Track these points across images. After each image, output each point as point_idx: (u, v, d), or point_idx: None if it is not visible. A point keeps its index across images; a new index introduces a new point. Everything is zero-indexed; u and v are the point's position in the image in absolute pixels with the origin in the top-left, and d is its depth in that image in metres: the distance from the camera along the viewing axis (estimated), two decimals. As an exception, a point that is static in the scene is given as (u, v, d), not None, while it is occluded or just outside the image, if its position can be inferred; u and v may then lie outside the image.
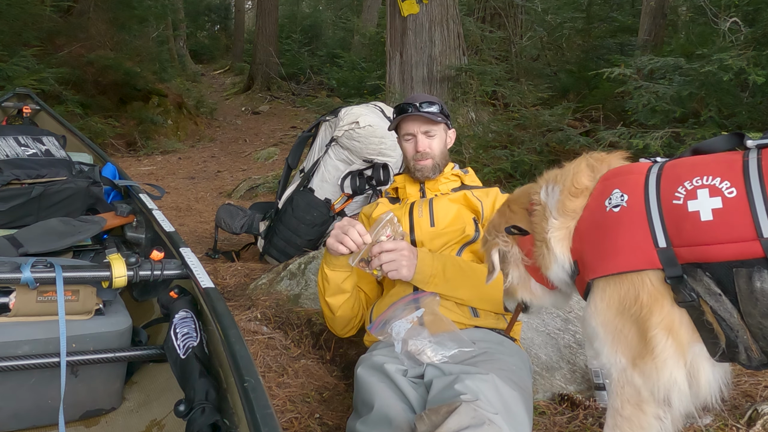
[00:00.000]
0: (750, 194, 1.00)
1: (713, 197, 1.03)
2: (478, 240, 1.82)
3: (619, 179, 1.21)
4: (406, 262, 1.65)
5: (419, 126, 1.94)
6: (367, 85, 8.84)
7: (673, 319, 1.10)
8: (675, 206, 1.08)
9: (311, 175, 3.35)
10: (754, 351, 1.02)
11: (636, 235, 1.12)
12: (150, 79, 9.23)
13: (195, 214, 5.16)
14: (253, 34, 14.70)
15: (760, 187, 0.99)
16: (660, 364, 1.11)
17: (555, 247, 1.28)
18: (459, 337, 1.52)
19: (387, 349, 1.58)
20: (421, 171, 1.94)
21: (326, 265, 1.78)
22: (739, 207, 1.00)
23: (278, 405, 1.74)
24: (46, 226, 2.07)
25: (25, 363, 1.47)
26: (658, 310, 1.10)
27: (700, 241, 1.04)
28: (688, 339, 1.10)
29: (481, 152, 5.31)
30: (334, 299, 1.81)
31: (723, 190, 1.03)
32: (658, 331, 1.11)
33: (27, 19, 7.00)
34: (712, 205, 1.03)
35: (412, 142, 1.95)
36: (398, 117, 1.95)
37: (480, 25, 7.75)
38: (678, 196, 1.08)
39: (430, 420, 1.13)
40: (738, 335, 1.03)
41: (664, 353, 1.11)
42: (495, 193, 1.95)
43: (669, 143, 4.09)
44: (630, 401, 1.17)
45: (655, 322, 1.11)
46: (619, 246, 1.14)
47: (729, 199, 1.02)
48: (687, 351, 1.11)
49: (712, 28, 4.85)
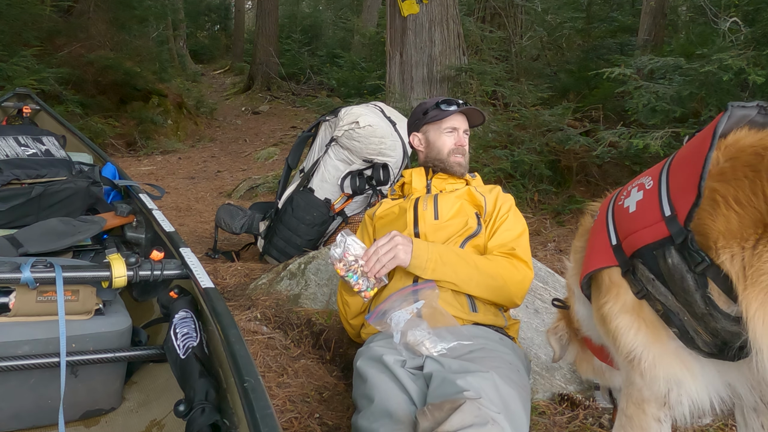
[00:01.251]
0: (659, 183, 1.08)
1: (638, 191, 1.14)
2: (480, 233, 1.84)
3: (602, 203, 1.33)
4: (402, 248, 1.67)
5: (464, 122, 2.04)
6: (367, 85, 8.83)
7: (638, 310, 1.14)
8: (619, 207, 1.19)
9: (311, 175, 3.35)
10: (701, 333, 1.04)
11: (600, 239, 1.22)
12: (150, 79, 9.23)
13: (195, 214, 5.16)
14: (253, 34, 14.71)
15: (666, 175, 1.08)
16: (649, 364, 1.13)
17: (572, 283, 1.39)
18: (458, 331, 1.53)
19: (385, 340, 1.58)
20: (459, 166, 2.00)
21: (345, 292, 1.87)
22: (652, 195, 1.09)
23: (278, 405, 1.74)
24: (46, 226, 2.07)
25: (25, 363, 1.47)
26: (620, 303, 1.16)
27: (629, 231, 1.13)
28: (657, 333, 1.13)
29: (481, 152, 5.31)
30: (357, 307, 1.90)
31: (645, 184, 1.13)
32: (621, 324, 1.16)
33: (27, 19, 7.00)
34: (637, 198, 1.13)
35: (453, 136, 2.00)
36: (449, 110, 1.99)
37: (480, 25, 7.75)
38: (621, 197, 1.20)
39: (433, 416, 1.13)
40: (681, 319, 1.06)
41: (638, 349, 1.14)
42: (498, 191, 1.98)
43: (669, 143, 4.09)
44: (633, 400, 1.18)
45: (617, 314, 1.16)
46: (591, 251, 1.26)
47: (647, 190, 1.11)
48: (665, 345, 1.12)
49: (712, 28, 4.85)
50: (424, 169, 2.05)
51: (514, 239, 1.84)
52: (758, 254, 0.92)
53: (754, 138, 1.01)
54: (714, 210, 0.97)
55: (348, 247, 1.68)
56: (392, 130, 3.24)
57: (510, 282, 1.73)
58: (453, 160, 1.99)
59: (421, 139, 2.06)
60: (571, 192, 4.99)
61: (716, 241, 0.97)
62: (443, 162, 2.00)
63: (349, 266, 1.68)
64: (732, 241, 0.95)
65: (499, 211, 1.89)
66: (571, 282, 1.41)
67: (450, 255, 1.71)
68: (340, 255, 1.68)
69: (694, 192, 0.97)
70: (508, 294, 1.74)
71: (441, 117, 2.00)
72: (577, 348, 1.53)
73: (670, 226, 1.02)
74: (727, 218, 0.96)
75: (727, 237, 0.96)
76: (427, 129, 2.04)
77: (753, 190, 0.94)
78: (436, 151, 2.01)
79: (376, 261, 1.65)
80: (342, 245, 1.69)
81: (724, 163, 0.99)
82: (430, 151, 2.03)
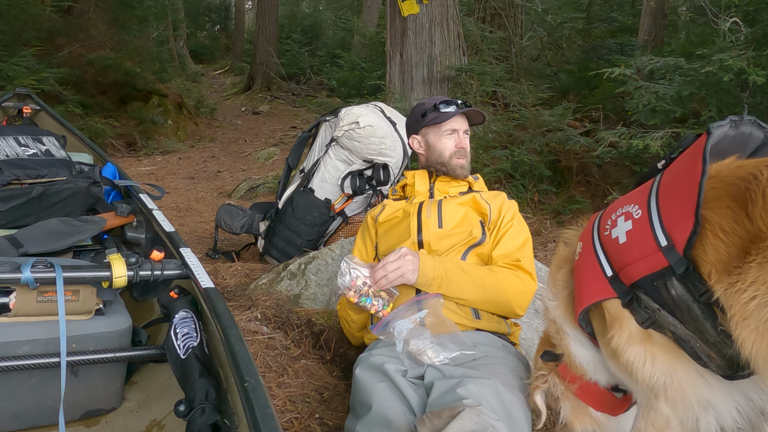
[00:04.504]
0: (649, 211, 1.05)
1: (627, 221, 1.10)
2: (484, 242, 1.82)
3: (582, 234, 1.27)
4: (411, 267, 1.65)
5: (463, 123, 1.99)
6: (367, 85, 8.84)
7: (646, 339, 1.11)
8: (606, 237, 1.14)
9: (311, 175, 3.35)
10: (714, 358, 1.02)
11: (591, 271, 1.17)
12: (150, 79, 9.23)
13: (195, 215, 5.16)
14: (253, 34, 14.71)
15: (655, 203, 1.04)
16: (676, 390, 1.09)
17: (562, 323, 1.31)
18: (461, 340, 1.51)
19: (386, 349, 1.57)
20: (462, 168, 1.97)
21: (351, 311, 1.85)
22: (643, 224, 1.05)
23: (278, 405, 1.74)
24: (46, 226, 2.07)
25: (25, 363, 1.47)
26: (626, 335, 1.12)
27: (625, 263, 1.09)
28: (675, 357, 1.09)
29: (481, 152, 5.31)
30: (362, 322, 1.90)
31: (632, 213, 1.09)
32: (632, 356, 1.11)
33: (27, 19, 7.00)
34: (626, 228, 1.09)
35: (453, 138, 1.96)
36: (448, 112, 1.94)
37: (480, 25, 7.75)
38: (606, 227, 1.15)
39: (432, 423, 1.12)
40: (694, 346, 1.04)
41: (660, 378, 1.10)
42: (503, 197, 1.95)
43: (669, 143, 4.09)
44: (656, 427, 1.14)
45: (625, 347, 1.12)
46: (584, 284, 1.20)
47: (636, 220, 1.08)
48: (687, 367, 1.09)
49: (712, 29, 4.85)
50: (426, 172, 2.02)
51: (519, 249, 1.82)
52: (738, 291, 0.91)
53: (731, 168, 1.00)
54: (703, 239, 0.96)
55: (354, 273, 1.67)
56: (392, 130, 3.24)
57: (514, 296, 1.73)
58: (455, 163, 1.95)
59: (420, 142, 2.02)
60: (572, 192, 4.99)
61: (710, 275, 0.95)
62: (445, 165, 1.96)
63: (360, 291, 1.68)
64: (723, 274, 0.94)
65: (503, 219, 1.87)
66: (561, 322, 1.31)
67: (456, 272, 1.69)
68: (348, 283, 1.67)
69: (691, 220, 0.95)
70: (511, 308, 1.75)
71: (440, 120, 1.95)
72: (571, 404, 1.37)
73: (669, 257, 0.99)
74: (716, 248, 0.94)
75: (719, 271, 0.94)
76: (427, 132, 1.99)
77: (735, 219, 0.93)
78: (437, 154, 1.97)
79: (383, 277, 1.64)
80: (348, 273, 1.68)
81: (708, 192, 0.97)
82: (431, 154, 1.99)
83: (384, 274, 1.63)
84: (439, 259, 1.71)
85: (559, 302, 1.31)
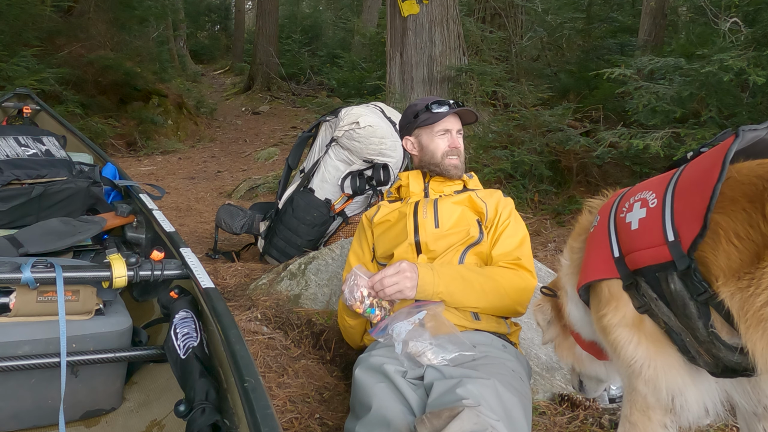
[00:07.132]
0: (664, 203, 1.06)
1: (642, 208, 1.12)
2: (482, 242, 1.82)
3: (602, 206, 1.30)
4: (409, 283, 1.65)
5: (456, 123, 2.00)
6: (367, 85, 8.83)
7: (637, 324, 1.13)
8: (621, 219, 1.16)
9: (311, 175, 3.35)
10: (703, 354, 1.04)
11: (601, 248, 1.20)
12: (150, 79, 9.24)
13: (195, 215, 5.16)
14: (253, 34, 14.71)
15: (671, 197, 1.05)
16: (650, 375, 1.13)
17: (566, 283, 1.39)
18: (460, 341, 1.51)
19: (386, 350, 1.57)
20: (455, 168, 1.97)
21: (348, 317, 1.85)
22: (656, 215, 1.07)
23: (278, 405, 1.74)
24: (46, 226, 2.07)
25: (25, 363, 1.47)
26: (620, 316, 1.15)
27: (632, 248, 1.11)
28: (658, 347, 1.12)
29: (481, 152, 5.32)
30: (361, 328, 1.89)
31: (649, 201, 1.11)
32: (620, 337, 1.15)
33: (27, 19, 7.00)
34: (640, 215, 1.11)
35: (446, 138, 1.97)
36: (440, 112, 1.95)
37: (480, 25, 7.75)
38: (623, 209, 1.17)
39: (432, 424, 1.12)
40: (684, 339, 1.06)
41: (638, 361, 1.13)
42: (498, 195, 1.95)
43: (669, 143, 4.09)
44: (637, 407, 1.18)
45: (616, 327, 1.16)
46: (591, 259, 1.24)
47: (651, 209, 1.09)
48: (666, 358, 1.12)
49: (713, 29, 4.85)
50: (420, 173, 2.02)
51: (518, 247, 1.83)
52: (752, 296, 0.92)
53: (751, 166, 1.00)
54: (716, 243, 0.97)
55: (360, 283, 1.68)
56: (392, 130, 3.24)
57: (515, 296, 1.74)
58: (448, 163, 1.96)
59: (414, 143, 2.03)
60: (572, 192, 4.99)
61: (717, 278, 0.96)
62: (438, 165, 1.97)
63: (365, 302, 1.68)
64: (732, 279, 0.95)
65: (500, 217, 1.87)
66: (566, 281, 1.41)
67: (457, 284, 1.69)
68: (356, 296, 1.68)
69: (700, 223, 0.96)
70: (513, 308, 1.76)
71: (432, 120, 1.96)
72: (558, 330, 1.51)
73: (673, 252, 1.01)
74: (728, 254, 0.95)
75: (727, 275, 0.95)
76: (419, 133, 2.00)
77: (750, 223, 0.94)
78: (429, 154, 1.98)
79: (381, 290, 1.64)
80: (354, 285, 1.68)
81: (725, 192, 0.98)
82: (424, 154, 2.00)
83: (381, 288, 1.64)
84: (438, 272, 1.70)
85: (570, 263, 1.39)
